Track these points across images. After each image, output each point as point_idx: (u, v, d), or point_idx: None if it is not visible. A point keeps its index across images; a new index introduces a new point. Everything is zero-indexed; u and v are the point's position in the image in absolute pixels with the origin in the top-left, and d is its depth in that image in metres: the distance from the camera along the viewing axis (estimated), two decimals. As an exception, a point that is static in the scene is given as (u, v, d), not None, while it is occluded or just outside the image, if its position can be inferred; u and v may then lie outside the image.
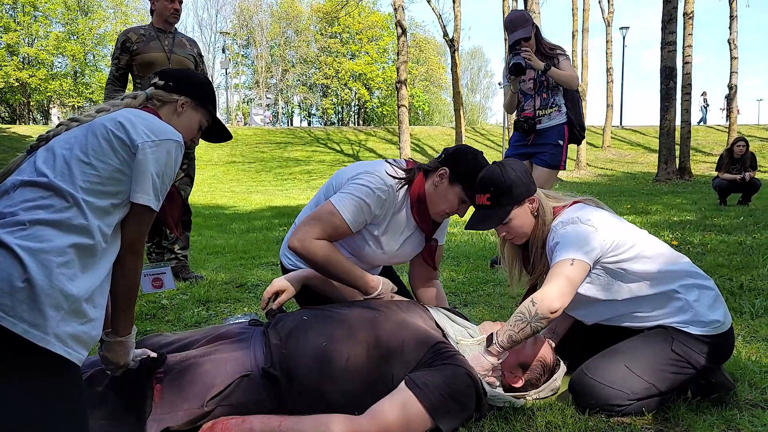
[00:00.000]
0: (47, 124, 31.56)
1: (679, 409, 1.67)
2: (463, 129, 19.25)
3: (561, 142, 3.61)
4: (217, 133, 1.71)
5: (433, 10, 19.93)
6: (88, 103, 31.16)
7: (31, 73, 29.22)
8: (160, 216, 1.40)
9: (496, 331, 1.71)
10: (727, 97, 19.37)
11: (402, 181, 1.93)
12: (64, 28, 31.25)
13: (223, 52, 37.76)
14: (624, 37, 25.88)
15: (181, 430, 1.47)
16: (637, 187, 12.24)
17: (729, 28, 16.99)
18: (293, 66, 40.43)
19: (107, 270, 1.27)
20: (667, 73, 11.79)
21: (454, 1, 19.92)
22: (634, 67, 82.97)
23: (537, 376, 1.79)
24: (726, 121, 20.39)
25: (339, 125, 38.43)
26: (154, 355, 1.52)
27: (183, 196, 3.57)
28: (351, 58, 39.24)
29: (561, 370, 1.85)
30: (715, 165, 8.11)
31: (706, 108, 26.70)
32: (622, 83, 26.67)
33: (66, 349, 1.13)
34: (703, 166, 16.22)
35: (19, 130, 21.89)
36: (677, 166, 12.98)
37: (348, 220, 1.82)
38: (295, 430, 1.44)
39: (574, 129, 3.67)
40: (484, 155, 1.97)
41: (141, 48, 3.41)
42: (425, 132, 26.33)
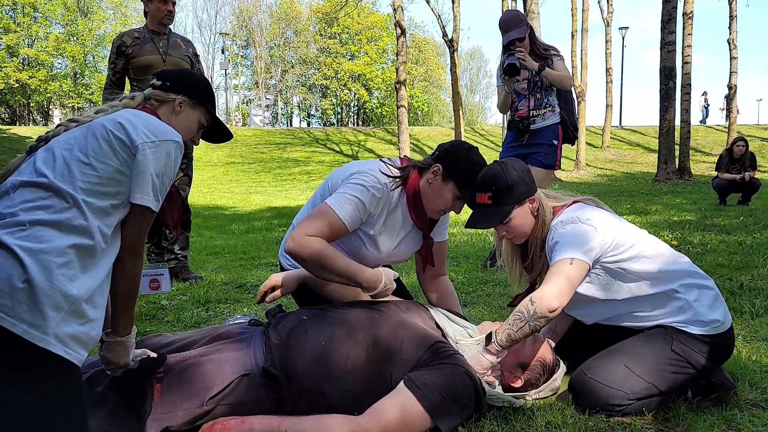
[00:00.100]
0: (47, 125, 31.57)
1: (679, 408, 1.67)
2: (462, 129, 19.23)
3: (555, 142, 3.62)
4: (218, 132, 1.72)
5: (433, 11, 19.93)
6: (87, 104, 31.13)
7: (30, 74, 29.21)
8: (159, 216, 1.40)
9: (494, 330, 1.71)
10: (726, 97, 19.38)
11: (397, 179, 1.92)
12: (64, 30, 31.25)
13: (222, 52, 37.82)
14: (623, 37, 25.90)
15: (180, 429, 1.47)
16: (636, 187, 12.24)
17: (728, 28, 17.00)
18: (292, 67, 40.42)
19: (107, 270, 1.27)
20: (666, 73, 11.80)
21: (453, 2, 19.92)
22: (634, 67, 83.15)
23: (537, 376, 1.79)
24: (726, 121, 20.41)
25: (338, 126, 38.39)
26: (154, 355, 1.52)
27: (182, 196, 3.58)
28: (350, 59, 39.22)
29: (561, 370, 1.85)
30: (715, 165, 8.12)
31: (707, 108, 26.71)
32: (622, 83, 26.72)
33: (66, 350, 1.13)
34: (703, 166, 16.23)
35: (19, 131, 21.89)
36: (677, 166, 12.98)
37: (343, 218, 1.80)
38: (295, 430, 1.44)
39: (568, 129, 3.70)
40: (478, 151, 1.96)
41: (136, 51, 3.43)
42: (424, 132, 26.34)
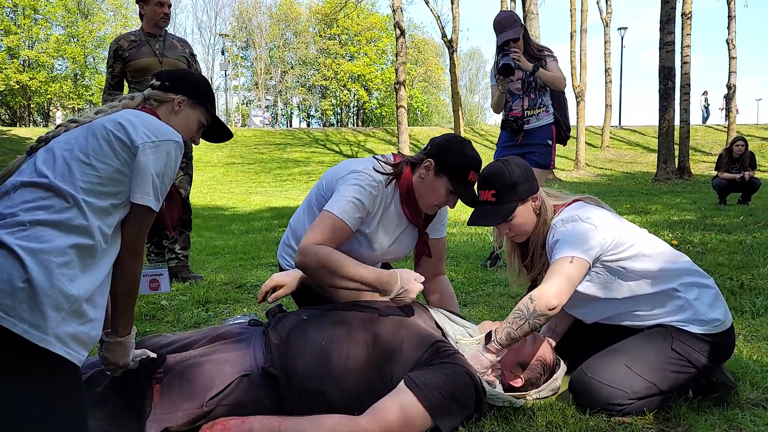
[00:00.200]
0: (47, 126, 31.55)
1: (680, 408, 1.67)
2: (461, 130, 19.22)
3: (550, 142, 3.65)
4: (218, 132, 1.72)
5: (432, 12, 19.90)
6: (88, 106, 31.13)
7: (31, 76, 29.21)
8: (158, 216, 1.40)
9: (494, 329, 1.71)
10: (726, 96, 19.38)
11: (390, 176, 1.92)
12: (65, 31, 31.25)
13: (222, 54, 37.81)
14: (622, 37, 25.91)
15: (180, 430, 1.47)
16: (636, 186, 12.23)
17: (727, 28, 16.99)
18: (292, 67, 40.41)
19: (107, 270, 1.27)
20: (665, 73, 11.79)
21: (452, 2, 19.91)
22: (633, 68, 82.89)
23: (537, 376, 1.79)
24: (725, 120, 20.40)
25: (338, 126, 38.38)
26: (153, 355, 1.52)
27: (183, 194, 3.60)
28: (350, 60, 39.20)
29: (561, 370, 1.85)
30: (715, 164, 8.12)
31: (707, 108, 26.70)
32: (621, 83, 26.71)
33: (66, 350, 1.13)
34: (703, 166, 16.22)
35: (20, 132, 21.89)
36: (676, 166, 12.97)
37: (346, 220, 1.80)
38: (295, 430, 1.44)
39: (561, 129, 3.73)
40: (471, 144, 1.95)
41: (133, 54, 3.45)
42: (424, 133, 26.32)
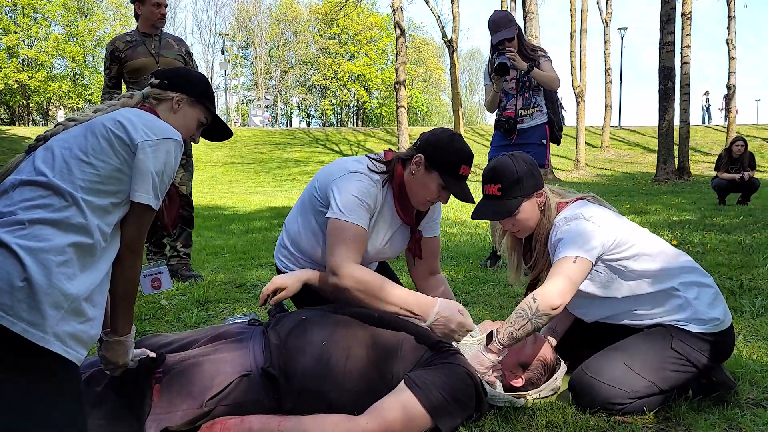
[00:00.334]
0: (47, 125, 31.56)
1: (680, 408, 1.67)
2: (461, 130, 19.22)
3: (544, 141, 3.65)
4: (218, 130, 1.71)
5: (432, 11, 19.91)
6: (87, 105, 31.13)
7: (30, 75, 29.23)
8: (157, 215, 1.39)
9: (496, 329, 1.71)
10: (725, 96, 19.38)
11: (385, 174, 1.91)
12: (64, 30, 31.28)
13: (222, 53, 37.81)
14: (622, 37, 25.87)
15: (180, 430, 1.46)
16: (636, 187, 12.23)
17: (727, 29, 16.99)
18: (292, 67, 40.42)
19: (106, 269, 1.27)
20: (665, 74, 11.79)
21: (452, 2, 19.91)
22: (633, 68, 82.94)
23: (537, 376, 1.79)
24: (725, 121, 20.40)
25: (338, 126, 38.38)
26: (153, 355, 1.52)
27: (185, 191, 3.61)
28: (350, 59, 39.22)
29: (561, 370, 1.84)
30: (714, 165, 8.12)
31: (709, 108, 26.67)
32: (621, 83, 26.64)
33: (65, 348, 1.13)
34: (702, 166, 16.22)
35: (19, 131, 21.89)
36: (676, 166, 12.97)
37: (362, 224, 1.79)
38: (295, 430, 1.44)
39: (554, 129, 3.73)
40: (461, 137, 1.92)
41: (129, 55, 3.47)
42: (424, 133, 26.30)
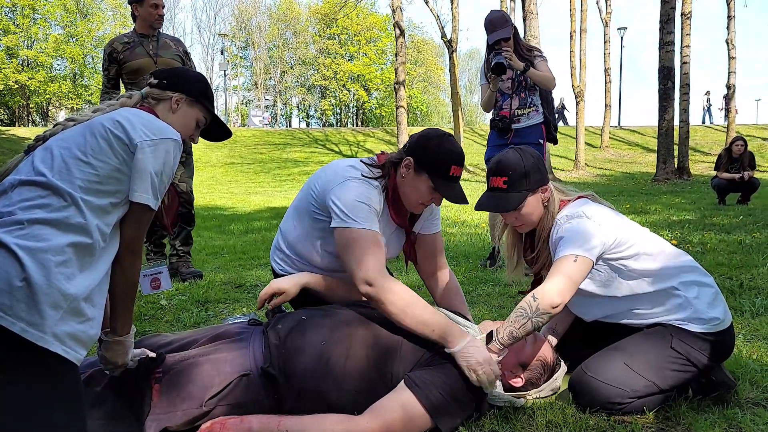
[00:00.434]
0: (46, 126, 31.52)
1: (680, 407, 1.67)
2: (461, 130, 19.21)
3: (541, 141, 3.66)
4: (217, 131, 1.71)
5: (431, 11, 19.89)
6: (87, 105, 31.14)
7: (30, 76, 29.18)
8: (156, 215, 1.39)
9: (496, 329, 1.71)
10: (725, 96, 19.38)
11: (381, 180, 1.87)
12: (63, 31, 31.22)
13: (221, 53, 37.82)
14: (622, 37, 25.84)
15: (179, 430, 1.46)
16: (636, 187, 12.23)
17: (727, 29, 16.98)
18: (292, 67, 40.40)
19: (106, 269, 1.26)
20: (665, 73, 11.79)
21: (452, 2, 19.90)
22: (633, 68, 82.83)
23: (537, 376, 1.79)
24: (724, 120, 20.40)
25: (337, 126, 38.36)
26: (152, 355, 1.52)
27: (186, 188, 3.62)
28: (349, 60, 39.18)
29: (561, 370, 1.84)
30: (714, 164, 8.12)
31: (710, 107, 26.66)
32: (621, 83, 26.59)
33: (64, 348, 1.13)
34: (702, 166, 16.21)
35: (18, 132, 21.87)
36: (676, 166, 12.96)
37: (376, 229, 1.76)
38: (294, 430, 1.44)
39: (550, 129, 3.74)
40: (452, 137, 1.88)
41: (127, 56, 3.49)
42: (424, 133, 26.29)
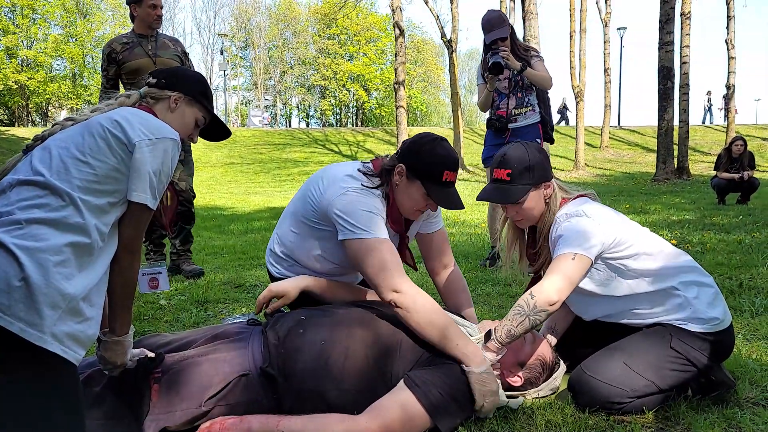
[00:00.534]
0: (46, 126, 31.50)
1: (679, 407, 1.67)
2: (461, 130, 19.19)
3: (539, 140, 3.66)
4: (216, 130, 1.71)
5: (431, 11, 19.88)
6: (86, 105, 31.12)
7: (29, 76, 29.17)
8: (155, 215, 1.39)
9: (494, 328, 1.70)
10: (725, 96, 19.38)
11: (381, 188, 1.86)
12: (63, 31, 31.21)
13: (221, 54, 37.81)
14: (621, 37, 25.85)
15: (179, 430, 1.46)
16: (635, 187, 12.22)
17: (726, 28, 16.98)
18: (291, 67, 40.41)
19: (104, 269, 1.26)
20: (664, 73, 11.78)
21: (452, 2, 19.90)
22: (632, 68, 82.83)
23: (536, 375, 1.79)
24: (724, 120, 20.41)
25: (337, 126, 38.37)
26: (151, 354, 1.51)
27: (185, 186, 3.62)
28: (349, 60, 39.18)
29: (561, 370, 1.84)
30: (714, 164, 8.12)
31: (710, 107, 26.65)
32: (620, 83, 26.60)
33: (63, 348, 1.13)
34: (702, 166, 16.20)
35: (18, 132, 21.89)
36: (675, 166, 12.96)
37: (387, 236, 1.75)
38: (294, 430, 1.43)
39: (547, 128, 3.75)
40: (445, 142, 1.86)
41: (126, 56, 3.50)
42: (424, 133, 26.29)
